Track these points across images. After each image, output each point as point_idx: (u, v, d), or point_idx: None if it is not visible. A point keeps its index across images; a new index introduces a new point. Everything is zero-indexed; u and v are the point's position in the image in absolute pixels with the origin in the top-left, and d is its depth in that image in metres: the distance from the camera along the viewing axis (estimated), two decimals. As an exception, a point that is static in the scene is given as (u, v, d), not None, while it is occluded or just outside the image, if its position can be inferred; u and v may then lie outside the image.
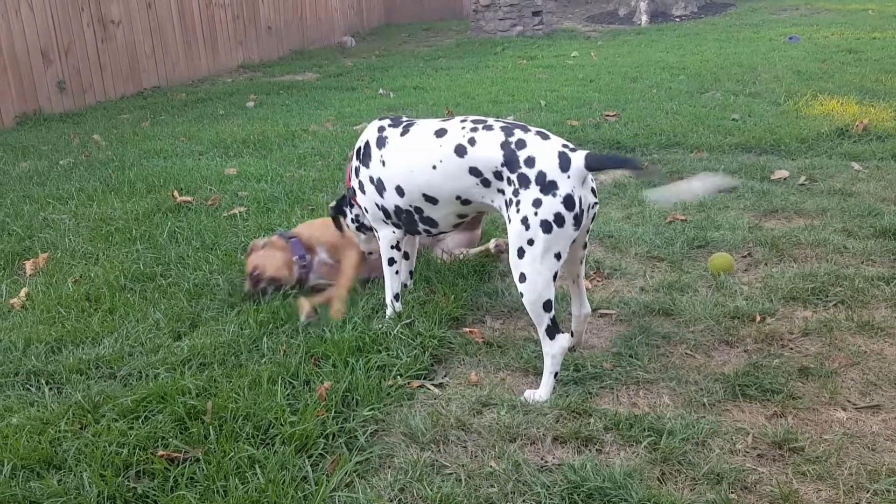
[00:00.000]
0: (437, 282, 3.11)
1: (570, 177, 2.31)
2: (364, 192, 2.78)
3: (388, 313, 2.88)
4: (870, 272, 3.12)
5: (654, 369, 2.52)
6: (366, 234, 3.05)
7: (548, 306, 2.37)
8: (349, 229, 3.10)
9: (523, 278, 2.35)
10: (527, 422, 2.26)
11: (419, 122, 2.71)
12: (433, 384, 2.50)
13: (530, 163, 2.35)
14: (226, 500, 1.95)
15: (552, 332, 2.39)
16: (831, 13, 12.62)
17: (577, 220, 2.33)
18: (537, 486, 1.99)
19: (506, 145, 2.41)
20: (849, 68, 7.47)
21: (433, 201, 2.61)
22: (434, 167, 2.53)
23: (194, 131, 6.49)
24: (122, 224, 4.05)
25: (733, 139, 5.18)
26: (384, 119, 2.80)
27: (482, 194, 2.50)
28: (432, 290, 3.05)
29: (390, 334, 2.70)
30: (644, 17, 13.10)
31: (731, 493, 1.94)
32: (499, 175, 2.42)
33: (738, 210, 3.95)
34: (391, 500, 1.98)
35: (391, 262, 2.84)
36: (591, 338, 2.76)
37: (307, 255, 3.21)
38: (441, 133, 2.56)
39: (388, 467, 2.11)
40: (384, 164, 2.68)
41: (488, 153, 2.43)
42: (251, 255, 3.18)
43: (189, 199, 4.41)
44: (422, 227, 2.73)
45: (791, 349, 2.62)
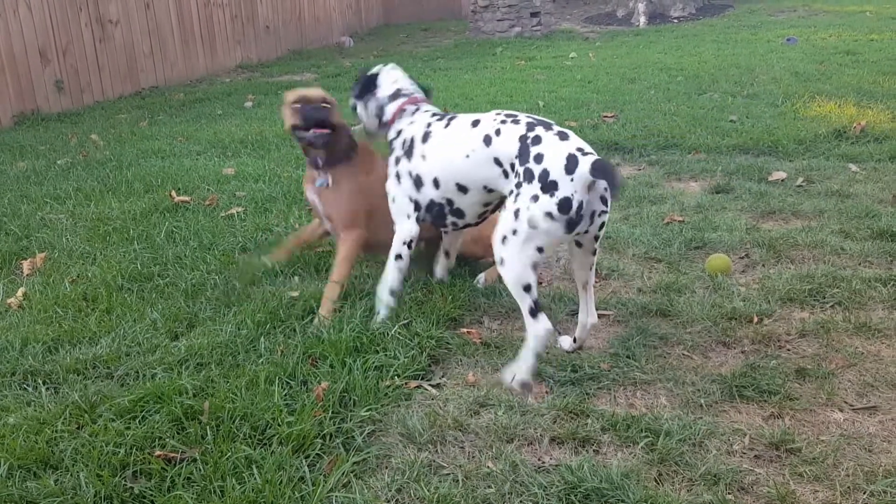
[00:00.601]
0: (434, 283, 3.11)
1: (573, 180, 2.35)
2: (399, 182, 2.85)
3: (382, 314, 2.85)
4: (867, 273, 3.13)
5: (652, 370, 2.52)
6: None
7: (528, 289, 2.45)
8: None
9: (502, 262, 2.47)
10: (524, 422, 2.26)
11: (460, 116, 2.81)
12: (430, 385, 2.50)
13: (539, 159, 2.41)
14: (223, 501, 1.95)
15: (534, 312, 2.45)
16: (829, 15, 12.65)
17: (571, 224, 2.37)
18: (534, 486, 1.99)
19: (523, 139, 2.49)
20: (846, 70, 7.49)
21: (464, 190, 2.72)
22: (467, 156, 2.65)
23: (192, 131, 6.49)
24: (119, 224, 4.04)
25: (731, 140, 5.19)
26: (434, 114, 2.89)
27: (504, 184, 2.58)
28: (430, 291, 3.05)
29: (388, 335, 2.70)
30: (642, 19, 13.12)
31: (728, 493, 1.95)
32: (513, 167, 2.50)
33: (735, 211, 3.95)
34: (388, 501, 1.98)
35: (398, 257, 2.86)
36: (589, 338, 2.76)
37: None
38: (476, 123, 2.68)
39: (386, 468, 2.11)
40: (425, 158, 2.78)
41: (507, 145, 2.53)
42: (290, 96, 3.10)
43: (187, 199, 4.41)
44: (450, 219, 2.83)
45: (788, 350, 2.63)
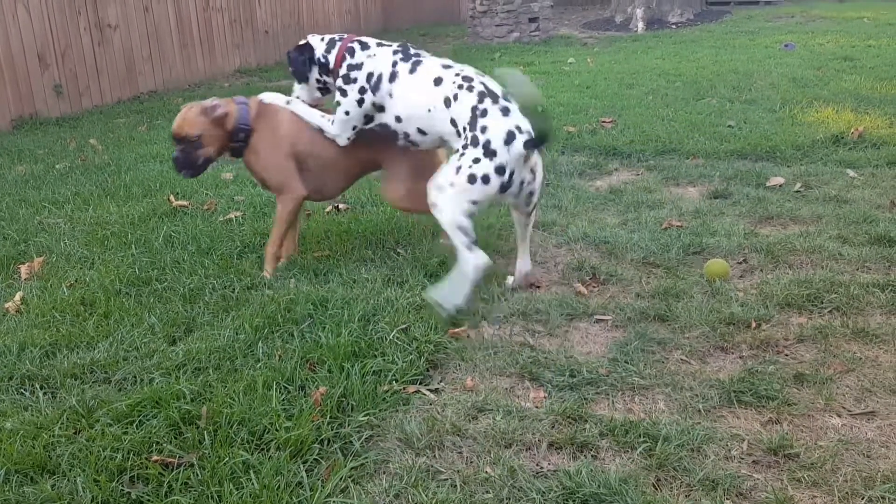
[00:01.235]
0: (432, 287, 3.11)
1: (509, 151, 2.88)
2: (360, 106, 3.21)
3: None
4: (865, 279, 3.13)
5: (650, 375, 2.52)
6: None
7: (463, 230, 2.91)
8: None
9: (435, 206, 2.94)
10: (522, 427, 2.26)
11: (423, 60, 3.20)
12: (429, 389, 2.50)
13: (483, 130, 2.91)
14: (220, 506, 1.95)
15: (471, 248, 2.91)
16: (827, 21, 12.68)
17: (503, 186, 2.91)
18: (533, 492, 1.98)
19: (474, 109, 2.97)
20: (844, 76, 7.51)
21: (423, 133, 3.18)
22: (429, 110, 3.10)
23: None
24: (117, 228, 4.04)
25: (729, 146, 5.20)
26: (394, 52, 3.23)
27: (455, 141, 3.05)
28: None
29: (386, 339, 2.70)
30: (640, 24, 13.14)
31: (727, 499, 1.95)
32: (465, 129, 2.97)
33: (733, 216, 3.96)
34: (386, 506, 1.98)
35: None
36: (587, 343, 2.77)
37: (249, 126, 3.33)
38: (438, 82, 3.10)
39: (384, 473, 2.11)
40: (391, 96, 3.17)
41: (461, 111, 3.00)
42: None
43: (185, 203, 4.41)
44: (403, 142, 3.26)
45: (786, 355, 2.63)
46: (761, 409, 2.33)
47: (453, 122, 3.02)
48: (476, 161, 2.87)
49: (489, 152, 2.87)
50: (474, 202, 2.90)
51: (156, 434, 2.22)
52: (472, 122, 2.94)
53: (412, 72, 3.15)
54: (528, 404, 2.40)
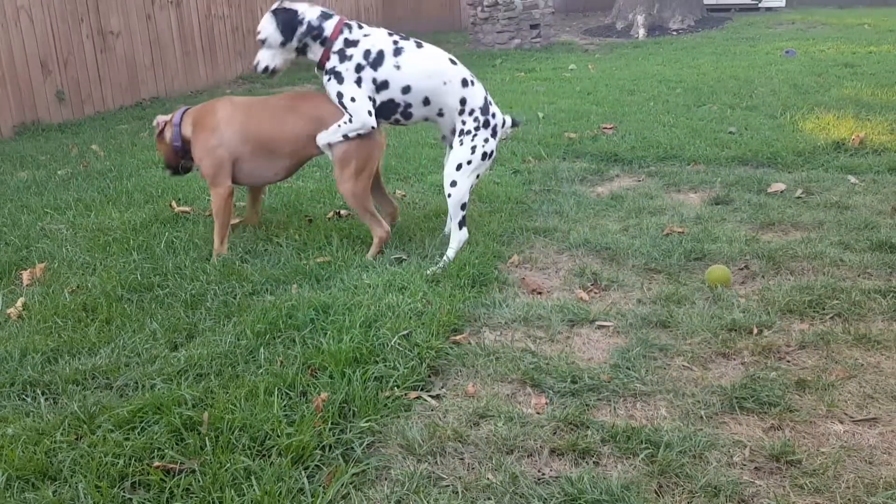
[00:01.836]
0: (433, 293, 3.12)
1: (503, 132, 3.59)
2: (360, 86, 3.38)
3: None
4: (866, 285, 3.13)
5: (652, 381, 2.52)
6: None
7: (464, 206, 3.47)
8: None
9: (455, 184, 3.44)
10: (524, 434, 2.26)
11: (424, 43, 3.53)
12: (430, 395, 2.50)
13: (493, 116, 3.51)
14: (221, 512, 1.95)
15: (462, 225, 3.49)
16: (827, 27, 12.71)
17: (493, 161, 3.58)
18: (534, 498, 1.98)
19: (485, 99, 3.52)
20: (845, 82, 7.52)
21: (427, 103, 3.46)
22: (444, 83, 3.44)
23: (193, 142, 6.49)
24: (119, 234, 4.05)
25: (730, 152, 5.20)
26: (391, 34, 3.50)
27: (452, 118, 3.50)
28: (429, 302, 3.05)
29: (387, 345, 2.70)
30: (641, 31, 13.17)
31: (729, 505, 1.94)
32: (472, 111, 3.47)
33: (734, 223, 3.96)
34: (388, 513, 1.98)
35: (345, 137, 3.43)
36: (589, 349, 2.77)
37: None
38: (454, 62, 3.50)
39: (385, 479, 2.11)
40: (399, 68, 3.40)
41: (476, 96, 3.49)
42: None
43: (187, 209, 4.42)
44: (396, 117, 3.50)
45: (788, 362, 2.62)
46: (763, 416, 2.32)
47: (463, 101, 3.45)
48: (486, 141, 3.45)
49: (495, 133, 3.49)
50: (478, 176, 3.51)
51: (157, 440, 2.22)
52: (484, 109, 3.47)
53: (419, 47, 3.47)
54: (530, 410, 2.40)
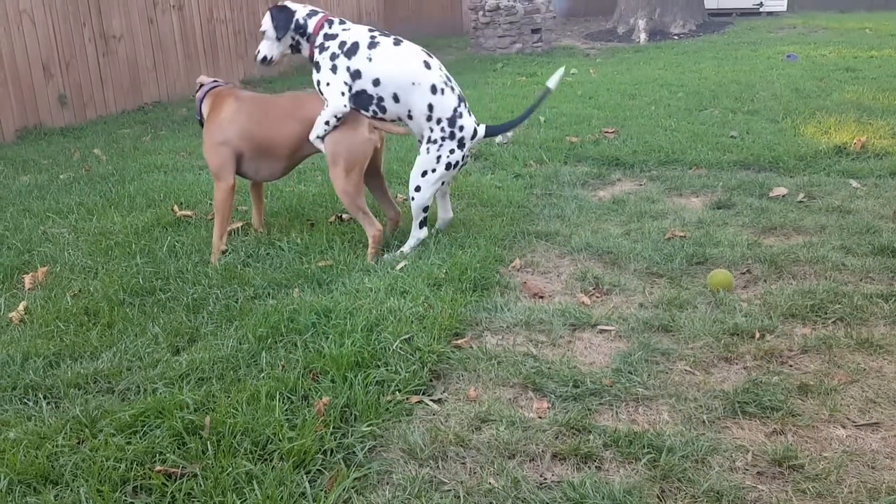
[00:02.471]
0: (435, 297, 3.11)
1: (472, 144, 3.66)
2: (335, 73, 3.54)
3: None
4: (868, 289, 3.13)
5: (654, 386, 2.52)
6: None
7: (425, 209, 3.65)
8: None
9: (418, 189, 3.62)
10: (525, 438, 2.25)
11: (401, 39, 3.65)
12: (432, 400, 2.50)
13: (461, 129, 3.61)
14: (223, 516, 1.94)
15: (422, 225, 3.70)
16: (829, 31, 12.72)
17: (459, 170, 3.80)
18: (536, 503, 1.98)
19: (455, 110, 3.59)
20: (847, 86, 7.52)
21: (396, 100, 3.57)
22: (413, 83, 3.54)
23: (195, 146, 6.50)
24: (121, 238, 4.05)
25: (732, 156, 5.20)
26: (371, 30, 3.63)
27: (422, 122, 3.61)
28: (431, 306, 3.05)
29: (389, 349, 2.70)
30: (643, 35, 13.19)
31: (731, 510, 1.94)
32: (440, 121, 3.58)
33: (736, 227, 3.96)
34: (389, 517, 1.97)
35: (327, 123, 3.55)
36: (591, 354, 2.76)
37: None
38: (428, 66, 3.59)
39: (387, 483, 2.11)
40: (371, 60, 3.54)
41: (444, 107, 3.58)
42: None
43: (189, 213, 4.42)
44: (373, 108, 3.59)
45: (790, 366, 2.62)
46: (766, 420, 2.32)
47: (430, 108, 3.56)
48: (452, 152, 3.60)
49: (461, 145, 3.62)
50: (443, 183, 3.69)
51: (159, 444, 2.22)
52: (451, 120, 3.58)
53: (397, 44, 3.60)
54: (532, 415, 2.39)
